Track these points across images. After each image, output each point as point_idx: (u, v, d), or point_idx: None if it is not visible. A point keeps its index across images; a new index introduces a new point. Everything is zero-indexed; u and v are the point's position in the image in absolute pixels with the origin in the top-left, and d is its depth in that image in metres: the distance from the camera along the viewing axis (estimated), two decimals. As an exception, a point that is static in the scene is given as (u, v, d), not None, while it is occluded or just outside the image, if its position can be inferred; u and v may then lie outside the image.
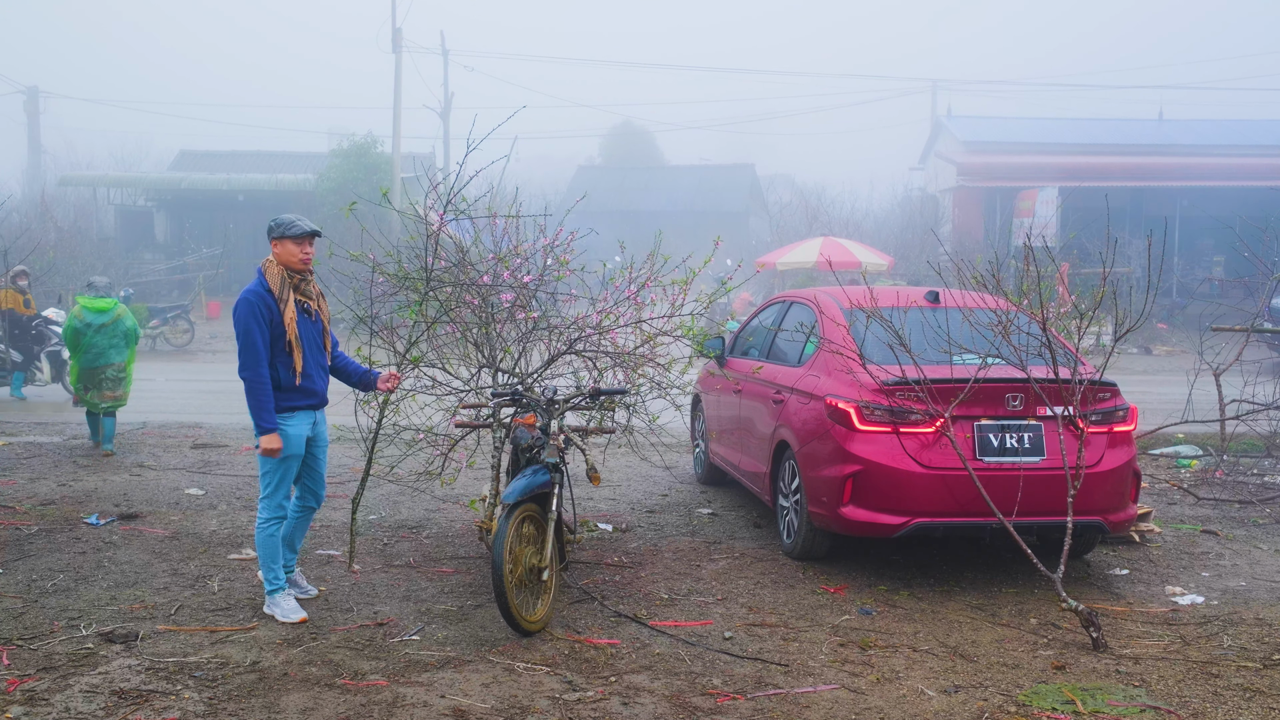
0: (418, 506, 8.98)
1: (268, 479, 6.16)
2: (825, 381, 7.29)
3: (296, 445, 6.13)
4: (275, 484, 6.15)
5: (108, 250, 33.68)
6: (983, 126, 39.40)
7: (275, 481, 6.15)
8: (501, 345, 7.60)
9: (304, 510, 6.45)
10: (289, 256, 6.11)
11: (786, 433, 7.60)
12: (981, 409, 6.76)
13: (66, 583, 6.72)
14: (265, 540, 6.17)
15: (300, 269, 6.15)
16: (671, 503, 9.35)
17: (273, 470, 6.13)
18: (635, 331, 7.62)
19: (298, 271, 6.16)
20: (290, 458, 6.12)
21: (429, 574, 7.05)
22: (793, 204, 40.71)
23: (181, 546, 7.64)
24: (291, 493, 6.33)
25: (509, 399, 6.59)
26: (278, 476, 6.14)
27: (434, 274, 7.22)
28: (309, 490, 6.41)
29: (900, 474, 6.67)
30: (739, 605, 6.49)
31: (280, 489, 6.17)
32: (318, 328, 6.28)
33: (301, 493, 6.40)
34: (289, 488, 6.24)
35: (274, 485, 6.15)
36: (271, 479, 6.15)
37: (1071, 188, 29.18)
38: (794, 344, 8.19)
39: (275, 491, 6.16)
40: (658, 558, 7.53)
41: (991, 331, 6.84)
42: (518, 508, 5.85)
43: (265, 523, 6.17)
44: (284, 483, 6.17)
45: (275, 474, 6.13)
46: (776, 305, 9.23)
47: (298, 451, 6.15)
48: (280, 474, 6.14)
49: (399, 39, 33.27)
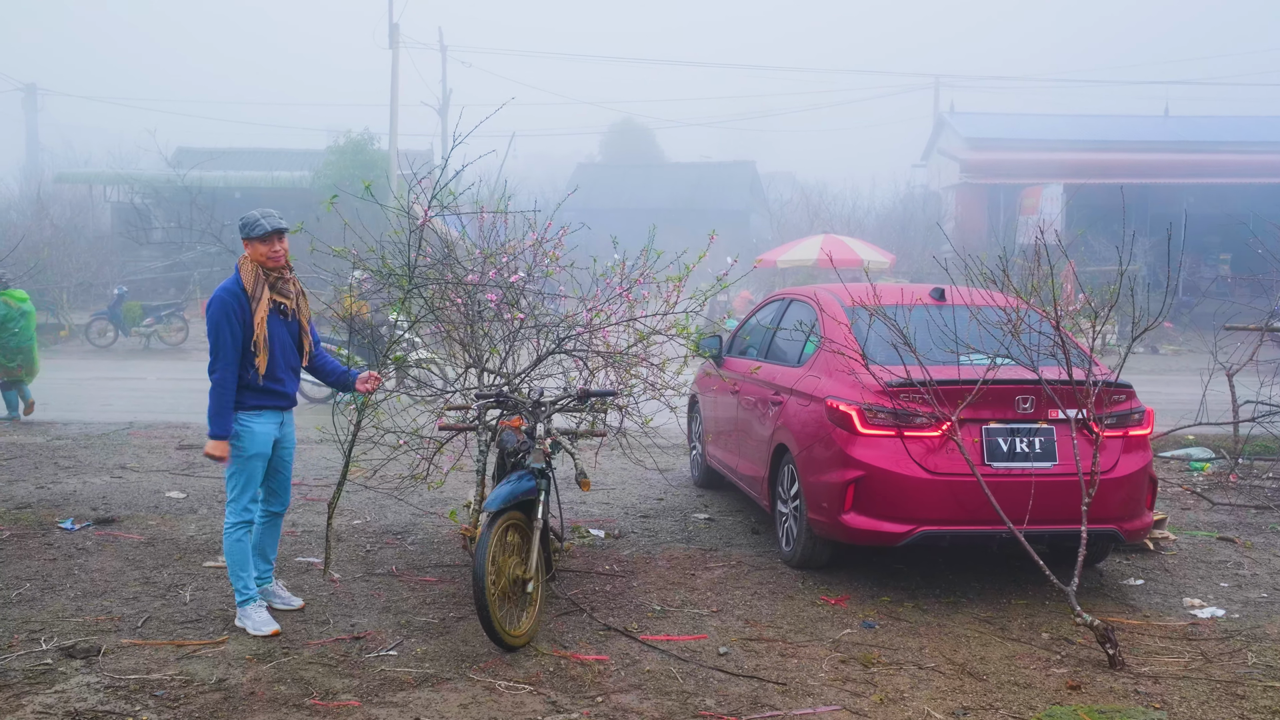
0: (403, 511, 8.67)
1: (233, 481, 5.90)
2: (826, 382, 6.97)
3: (262, 444, 5.87)
4: (241, 486, 5.88)
5: (103, 248, 33.40)
6: (986, 123, 39.06)
7: (241, 484, 5.88)
8: (489, 344, 7.28)
9: (269, 517, 6.17)
10: (258, 256, 5.85)
11: (785, 436, 7.29)
12: (990, 412, 6.45)
13: (32, 592, 6.41)
14: (233, 546, 5.88)
15: (273, 267, 5.87)
16: (667, 507, 9.04)
17: (238, 472, 5.87)
18: (628, 330, 7.30)
19: (273, 270, 5.88)
20: (255, 457, 5.87)
21: (411, 583, 6.74)
22: (794, 201, 40.38)
23: (156, 553, 7.33)
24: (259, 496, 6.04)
25: (493, 401, 6.28)
26: (243, 478, 5.87)
27: (418, 270, 6.91)
28: (273, 494, 6.15)
29: (904, 480, 6.36)
30: (735, 618, 6.17)
31: (246, 491, 5.89)
32: (293, 328, 6.03)
33: (265, 496, 6.12)
34: (256, 490, 5.96)
35: (240, 488, 5.88)
36: (237, 480, 5.88)
37: (1076, 185, 28.84)
38: (793, 343, 7.88)
39: (241, 494, 5.88)
40: (651, 566, 7.21)
41: (1001, 330, 6.53)
42: (501, 516, 5.54)
43: (232, 527, 5.89)
44: (250, 485, 5.90)
45: (240, 475, 5.87)
46: (775, 303, 8.92)
47: (263, 451, 5.89)
48: (246, 476, 5.87)
49: (396, 35, 32.96)
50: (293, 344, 6.02)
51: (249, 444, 5.82)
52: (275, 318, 5.89)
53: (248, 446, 5.82)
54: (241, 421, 5.81)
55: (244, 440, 5.82)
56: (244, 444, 5.83)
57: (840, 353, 6.81)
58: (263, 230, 5.80)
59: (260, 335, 5.77)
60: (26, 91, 52.73)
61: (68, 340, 26.72)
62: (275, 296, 5.87)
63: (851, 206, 37.55)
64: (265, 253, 5.82)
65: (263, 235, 5.80)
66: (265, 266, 5.84)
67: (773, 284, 28.03)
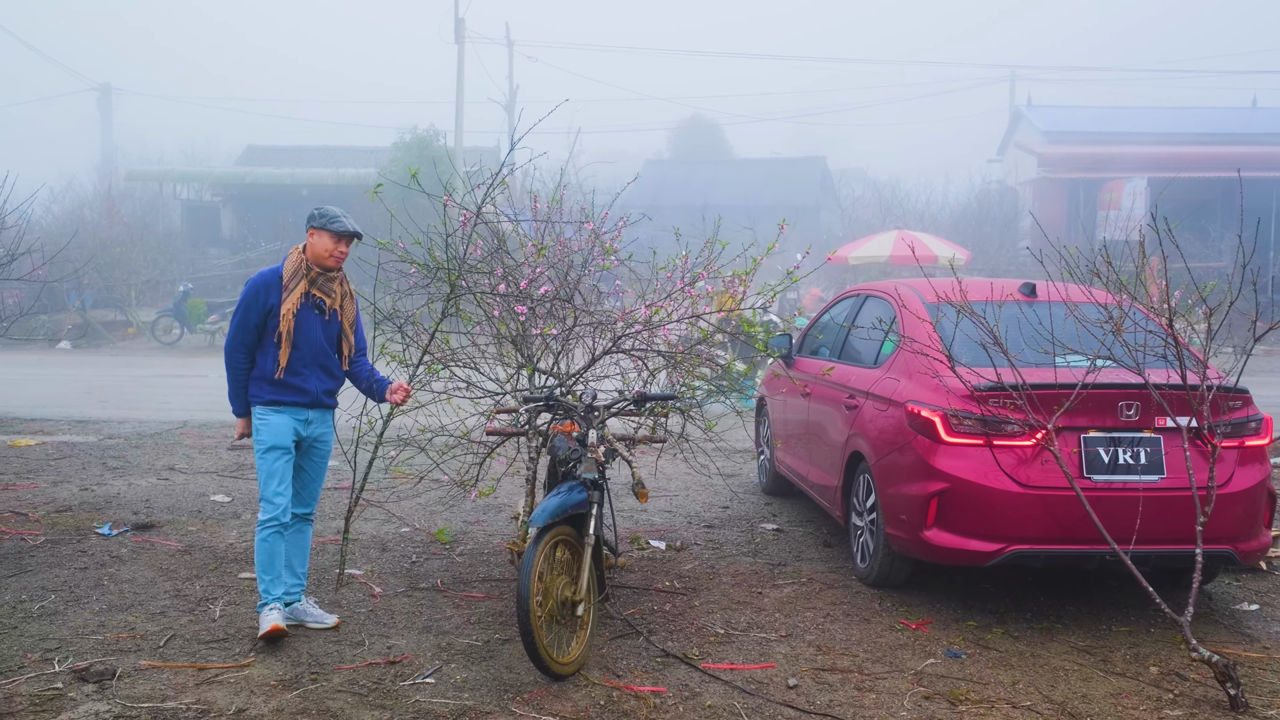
0: (455, 518, 8.22)
1: (260, 474, 5.65)
2: (906, 385, 6.40)
3: (281, 435, 5.59)
4: (264, 477, 5.62)
5: (173, 245, 33.53)
6: (1065, 116, 37.95)
7: (264, 475, 5.61)
8: (541, 343, 6.80)
9: (295, 521, 5.81)
10: (320, 249, 5.62)
11: (861, 443, 6.72)
12: (1089, 419, 5.83)
13: (56, 605, 6.05)
14: (260, 545, 5.60)
15: (329, 265, 5.62)
16: (732, 516, 8.50)
17: (259, 465, 5.63)
18: (690, 328, 6.78)
19: (324, 268, 5.61)
20: (273, 449, 5.58)
21: (456, 599, 6.28)
22: (865, 197, 39.53)
23: (192, 562, 6.95)
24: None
25: (542, 404, 5.79)
26: (265, 470, 5.60)
27: (468, 264, 6.46)
28: (297, 495, 5.81)
29: (994, 494, 5.76)
30: (806, 644, 5.63)
31: (269, 482, 5.59)
32: (331, 328, 5.74)
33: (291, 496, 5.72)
34: (279, 482, 5.60)
35: (263, 479, 5.62)
36: (261, 473, 5.63)
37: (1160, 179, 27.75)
38: (870, 342, 7.30)
39: (265, 485, 5.61)
40: (715, 582, 6.68)
41: (1100, 329, 5.91)
42: (549, 531, 5.05)
43: (262, 527, 5.60)
44: (273, 477, 5.59)
45: (263, 467, 5.61)
46: (849, 300, 8.34)
47: (282, 443, 5.60)
48: (267, 466, 5.59)
49: (461, 30, 32.71)
50: (327, 343, 5.72)
51: (265, 435, 5.59)
52: (309, 313, 5.63)
53: (265, 438, 5.59)
54: (258, 414, 5.62)
55: (261, 432, 5.61)
56: (261, 435, 5.61)
57: (923, 353, 6.23)
58: (341, 227, 5.62)
59: (285, 327, 5.51)
60: (102, 92, 53.47)
61: (135, 337, 26.83)
62: (314, 291, 5.61)
63: (925, 202, 36.62)
64: (330, 249, 5.62)
65: (337, 232, 5.60)
66: (321, 263, 5.61)
67: (843, 281, 27.32)
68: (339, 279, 5.73)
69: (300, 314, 5.56)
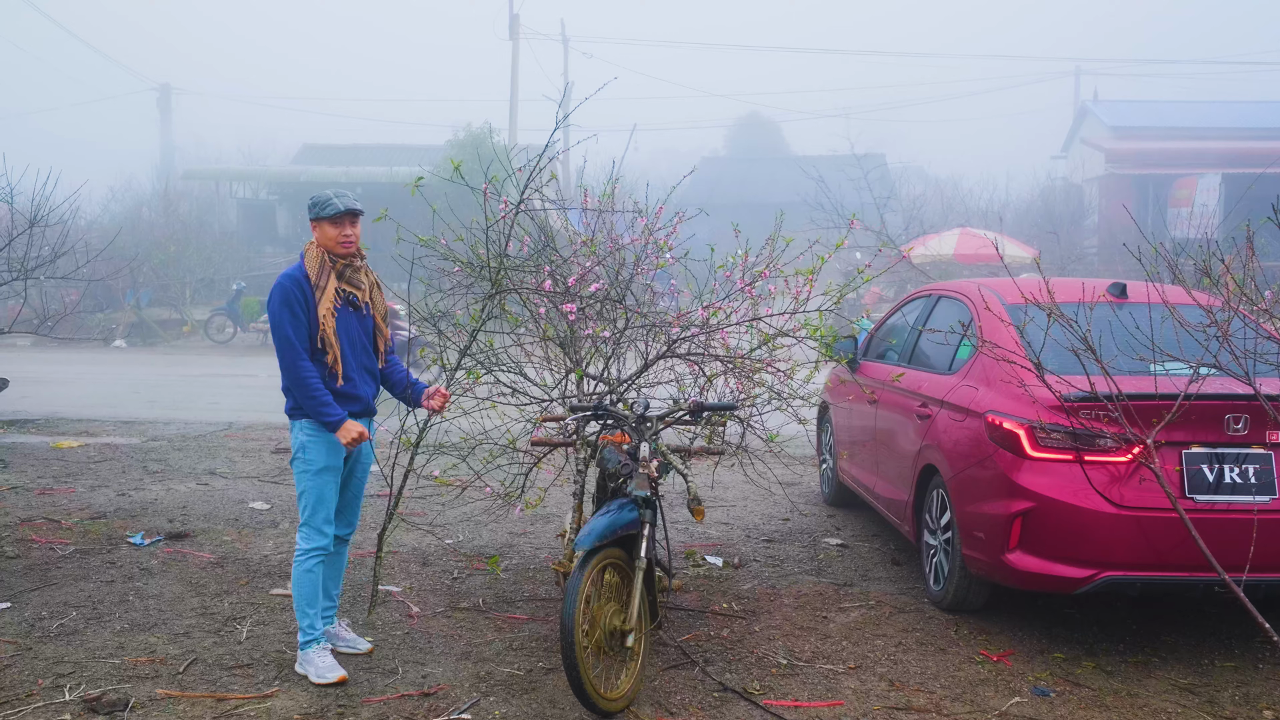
0: (500, 530, 7.81)
1: (304, 500, 5.11)
2: (985, 394, 5.88)
3: (333, 456, 5.09)
4: (313, 505, 5.08)
5: (229, 244, 33.55)
6: (1132, 111, 36.96)
7: (312, 502, 5.07)
8: (590, 346, 6.36)
9: (334, 543, 5.32)
10: (327, 240, 5.09)
11: (934, 455, 6.22)
12: (1189, 433, 5.29)
13: (76, 623, 5.71)
14: (302, 576, 5.08)
15: (341, 254, 5.11)
16: (794, 530, 8.02)
17: (308, 489, 5.07)
18: (749, 331, 6.30)
19: (341, 256, 5.11)
20: (325, 470, 5.07)
21: (498, 621, 5.86)
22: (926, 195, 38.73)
23: (223, 576, 6.60)
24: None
25: (589, 414, 5.34)
26: (314, 496, 5.07)
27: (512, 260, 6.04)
28: (339, 514, 5.31)
29: (1086, 514, 5.24)
30: (877, 676, 5.14)
31: (318, 511, 5.08)
32: (367, 324, 5.25)
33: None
34: (330, 507, 5.13)
35: (310, 506, 5.08)
36: (308, 499, 5.09)
37: (1234, 175, 26.80)
38: (944, 347, 6.79)
39: (313, 514, 5.08)
40: (776, 605, 6.21)
41: (1203, 334, 5.37)
42: (596, 554, 4.61)
43: (304, 555, 5.09)
44: (322, 504, 5.09)
45: (312, 491, 5.07)
46: (920, 300, 7.82)
47: (334, 464, 5.10)
48: (316, 493, 5.07)
49: (516, 26, 32.42)
50: (367, 341, 5.26)
51: (317, 456, 5.05)
52: (345, 310, 5.13)
53: (315, 459, 5.05)
54: (309, 431, 5.04)
55: (310, 453, 5.05)
56: (311, 457, 5.05)
57: (1008, 360, 5.70)
58: (334, 210, 5.04)
59: (327, 329, 5.00)
60: (162, 91, 53.83)
61: (190, 336, 26.80)
62: (345, 286, 5.12)
63: (988, 200, 35.78)
64: (335, 236, 5.06)
65: (334, 215, 5.04)
66: (334, 252, 5.09)
67: (905, 280, 26.65)
68: (364, 268, 5.23)
69: (338, 313, 5.08)
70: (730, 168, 48.72)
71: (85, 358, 22.05)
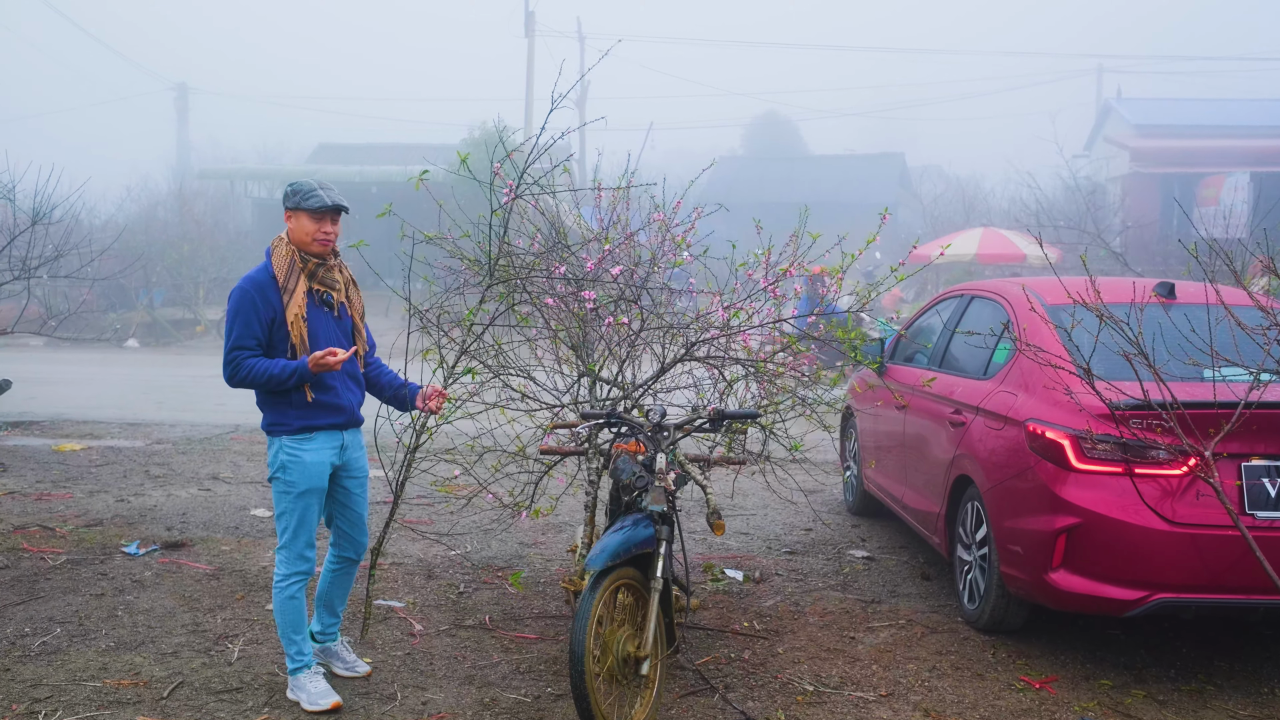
0: (510, 540, 7.46)
1: (282, 522, 4.69)
2: (1025, 400, 5.51)
3: (315, 477, 4.65)
4: (293, 529, 4.67)
5: (244, 243, 33.32)
6: (1157, 109, 36.34)
7: (292, 525, 4.66)
8: (603, 347, 6.01)
9: (342, 563, 4.98)
10: (301, 234, 4.65)
11: (969, 465, 5.85)
12: (1249, 444, 4.90)
13: (60, 640, 5.39)
14: (284, 604, 4.70)
15: (316, 252, 4.67)
16: (816, 540, 7.65)
17: (287, 511, 4.66)
18: (773, 334, 5.94)
19: (315, 255, 4.68)
20: (307, 494, 4.65)
21: (506, 641, 5.51)
22: (946, 194, 38.26)
23: (219, 589, 6.28)
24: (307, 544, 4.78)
25: (602, 421, 4.98)
26: (296, 517, 4.66)
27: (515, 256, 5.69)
28: (345, 536, 4.94)
29: (1136, 531, 4.86)
30: (910, 705, 4.78)
31: (299, 535, 4.67)
32: (344, 326, 4.81)
33: (336, 539, 4.96)
34: (312, 531, 4.73)
35: (291, 530, 4.67)
36: (287, 521, 4.67)
37: (1263, 174, 26.29)
38: (978, 350, 6.42)
39: (294, 538, 4.67)
40: (800, 623, 5.85)
41: (1263, 338, 4.99)
42: (608, 575, 4.25)
43: (284, 580, 4.70)
44: (303, 527, 4.68)
45: (293, 514, 4.66)
46: (951, 300, 7.44)
47: (317, 485, 4.67)
48: (297, 516, 4.66)
49: (531, 23, 32.11)
50: (346, 345, 4.79)
51: (299, 478, 4.62)
52: (319, 313, 4.69)
53: (297, 481, 4.62)
54: (287, 449, 4.63)
55: (292, 473, 4.63)
56: (292, 478, 4.63)
57: (1052, 364, 5.31)
58: (318, 203, 4.61)
59: (298, 336, 4.58)
60: (178, 91, 53.73)
61: (203, 336, 26.57)
62: (316, 285, 4.69)
63: (1010, 199, 35.25)
64: (313, 231, 4.63)
65: (317, 209, 4.61)
66: (305, 249, 4.65)
67: (924, 281, 26.23)
68: (338, 265, 4.79)
69: (310, 316, 4.63)
70: (747, 167, 48.32)
71: (96, 358, 21.82)
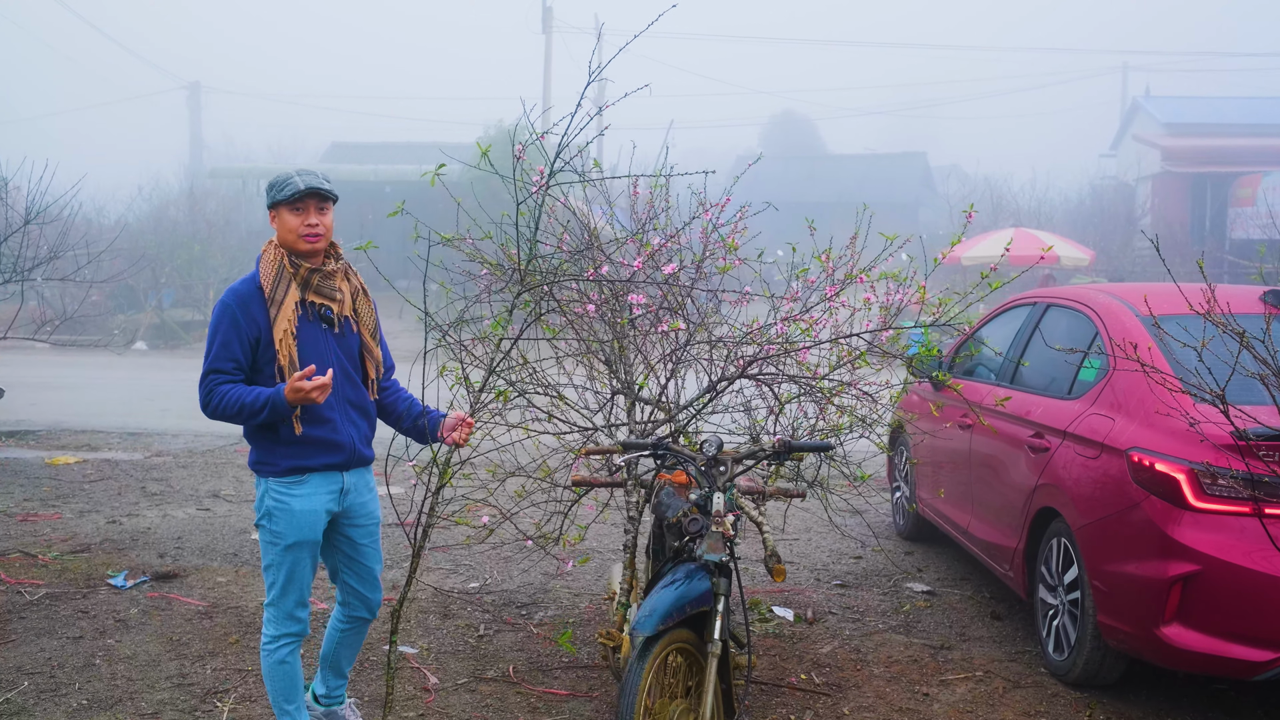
0: (534, 571, 6.80)
1: (271, 573, 3.97)
2: (1125, 426, 4.83)
3: (307, 527, 3.92)
4: (282, 584, 3.94)
5: (256, 244, 32.74)
6: (1188, 107, 35.54)
7: (282, 580, 3.94)
8: (642, 363, 5.34)
9: (352, 623, 4.23)
10: (285, 233, 3.89)
11: (1055, 496, 5.18)
12: (1396, 479, 4.23)
13: (25, 698, 4.74)
14: (274, 669, 4.00)
15: (305, 250, 3.91)
16: (869, 570, 6.98)
17: (277, 563, 3.93)
18: (833, 348, 5.27)
19: (303, 256, 3.94)
20: (297, 546, 3.92)
21: (531, 697, 4.85)
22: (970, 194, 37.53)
23: (211, 631, 5.63)
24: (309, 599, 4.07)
25: (648, 452, 4.28)
26: (284, 572, 3.93)
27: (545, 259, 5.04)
28: (354, 593, 4.19)
29: (1268, 582, 4.18)
30: (1005, 784, 4.11)
31: (290, 591, 3.95)
32: (347, 343, 4.05)
33: (344, 596, 4.21)
34: (305, 587, 4.01)
35: (280, 585, 3.95)
36: (276, 574, 3.95)
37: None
38: (1060, 366, 5.74)
39: (283, 595, 3.95)
40: (864, 675, 5.17)
41: None
42: (659, 639, 3.58)
43: (272, 642, 3.99)
44: (294, 583, 3.95)
45: (281, 568, 3.93)
46: (1019, 310, 6.76)
47: (309, 537, 3.94)
48: (287, 567, 3.93)
49: (549, 19, 31.50)
50: (350, 366, 4.04)
51: (286, 528, 3.90)
52: (313, 328, 3.94)
53: (284, 532, 3.90)
54: (274, 493, 3.90)
55: (279, 522, 3.91)
56: (279, 528, 3.91)
57: (1164, 384, 4.61)
58: (293, 190, 3.84)
59: (286, 355, 3.83)
60: (191, 90, 53.28)
61: (212, 338, 25.98)
62: (312, 297, 3.94)
63: (1038, 200, 34.52)
64: (295, 227, 3.87)
65: (292, 197, 3.85)
66: (293, 249, 3.91)
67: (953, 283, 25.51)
68: (341, 271, 4.03)
69: (302, 333, 3.89)
70: (765, 166, 47.40)
71: (102, 361, 21.22)
